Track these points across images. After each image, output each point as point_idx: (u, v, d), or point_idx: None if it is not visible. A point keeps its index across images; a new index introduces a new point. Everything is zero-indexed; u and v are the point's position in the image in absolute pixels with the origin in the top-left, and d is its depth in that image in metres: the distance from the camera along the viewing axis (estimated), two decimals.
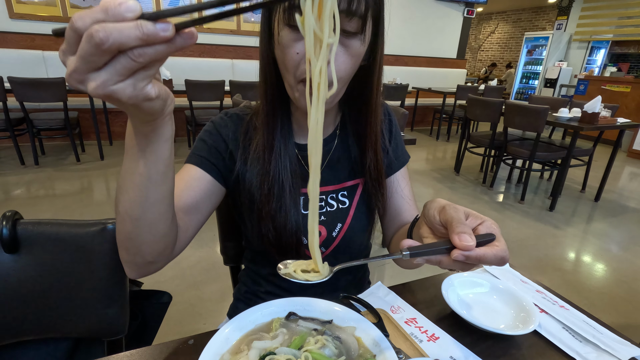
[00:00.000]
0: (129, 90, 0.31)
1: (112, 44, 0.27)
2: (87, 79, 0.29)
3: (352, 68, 0.52)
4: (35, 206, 2.63)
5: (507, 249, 0.41)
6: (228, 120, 0.67)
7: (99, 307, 0.65)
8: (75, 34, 0.27)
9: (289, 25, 0.49)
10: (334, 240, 0.69)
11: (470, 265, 0.42)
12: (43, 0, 3.98)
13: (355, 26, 0.49)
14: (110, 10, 0.26)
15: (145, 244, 0.47)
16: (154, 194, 0.43)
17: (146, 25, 0.27)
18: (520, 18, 10.63)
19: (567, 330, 0.59)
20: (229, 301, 0.84)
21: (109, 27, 0.26)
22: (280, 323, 0.50)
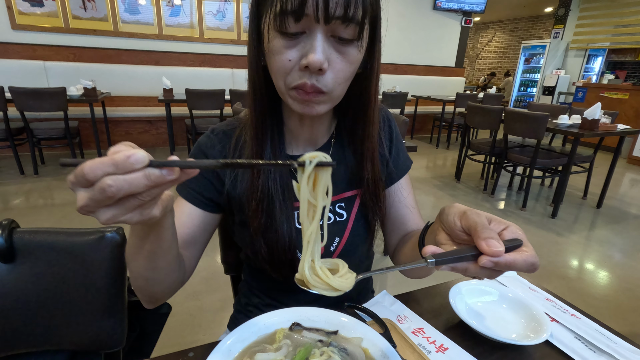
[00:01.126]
0: (136, 218, 0.34)
1: (122, 195, 0.30)
2: (97, 212, 0.32)
3: (349, 75, 0.51)
4: (34, 215, 2.61)
5: (536, 254, 0.39)
6: (214, 138, 0.64)
7: (96, 318, 0.63)
8: (85, 180, 0.29)
9: (281, 32, 0.46)
10: (332, 254, 0.66)
11: (497, 273, 0.40)
12: (45, 12, 4.02)
13: (352, 33, 0.47)
14: (120, 164, 0.29)
15: (157, 291, 0.54)
16: (162, 261, 0.48)
17: (153, 173, 0.31)
18: (517, 27, 10.74)
19: (580, 340, 0.57)
20: (229, 311, 0.82)
21: (120, 181, 0.29)
22: (284, 334, 0.48)
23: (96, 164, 0.29)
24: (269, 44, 0.48)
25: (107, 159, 0.29)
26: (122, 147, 0.31)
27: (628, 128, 3.12)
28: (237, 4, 4.80)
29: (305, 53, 0.46)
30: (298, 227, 0.62)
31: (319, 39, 0.45)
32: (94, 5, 4.18)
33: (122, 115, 4.29)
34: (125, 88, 4.48)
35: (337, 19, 0.44)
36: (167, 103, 3.68)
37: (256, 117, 0.57)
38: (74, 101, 3.34)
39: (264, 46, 0.50)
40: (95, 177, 0.29)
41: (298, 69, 0.48)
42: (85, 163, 0.29)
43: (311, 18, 0.44)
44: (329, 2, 0.43)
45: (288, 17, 0.44)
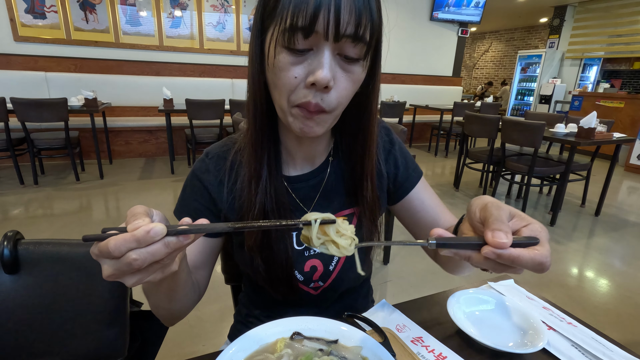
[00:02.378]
0: (159, 277, 0.38)
1: (147, 264, 0.34)
2: (124, 279, 0.35)
3: (351, 94, 0.51)
4: (34, 226, 2.61)
5: (549, 255, 0.37)
6: (209, 162, 0.63)
7: (98, 328, 0.64)
8: (110, 256, 0.33)
9: (288, 48, 0.45)
10: (331, 273, 0.66)
11: (502, 266, 0.38)
12: (47, 24, 4.08)
13: (359, 52, 0.46)
14: (142, 240, 0.33)
15: (177, 314, 0.58)
16: (179, 294, 0.52)
17: (172, 241, 0.34)
18: (513, 37, 10.89)
19: (577, 348, 0.58)
20: (228, 322, 0.82)
21: (143, 254, 0.33)
22: (285, 343, 0.49)
23: (120, 241, 0.32)
24: (274, 60, 0.47)
25: (129, 237, 0.33)
26: (139, 220, 0.34)
27: (624, 136, 3.16)
28: (237, 15, 4.87)
29: (312, 70, 0.45)
30: (297, 248, 0.62)
31: (327, 56, 0.45)
32: (96, 17, 4.24)
33: (122, 125, 4.32)
34: (125, 98, 4.52)
35: (347, 38, 0.44)
36: (167, 113, 3.70)
37: (255, 134, 0.56)
38: (74, 111, 3.37)
39: (267, 62, 0.49)
40: (120, 254, 0.33)
41: (304, 86, 0.47)
42: (110, 241, 0.33)
43: (320, 35, 0.43)
44: (340, 20, 0.43)
45: (297, 33, 0.43)
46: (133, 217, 0.35)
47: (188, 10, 4.61)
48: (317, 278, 0.65)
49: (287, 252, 0.60)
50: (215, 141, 3.09)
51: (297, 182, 0.64)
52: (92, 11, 4.21)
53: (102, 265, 0.34)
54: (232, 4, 4.80)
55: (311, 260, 0.64)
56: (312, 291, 0.67)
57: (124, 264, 0.33)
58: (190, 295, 0.57)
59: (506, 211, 0.40)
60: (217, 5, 4.74)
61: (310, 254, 0.64)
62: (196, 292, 0.60)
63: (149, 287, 0.50)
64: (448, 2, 6.07)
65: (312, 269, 0.64)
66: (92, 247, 0.34)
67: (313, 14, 0.42)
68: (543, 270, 0.37)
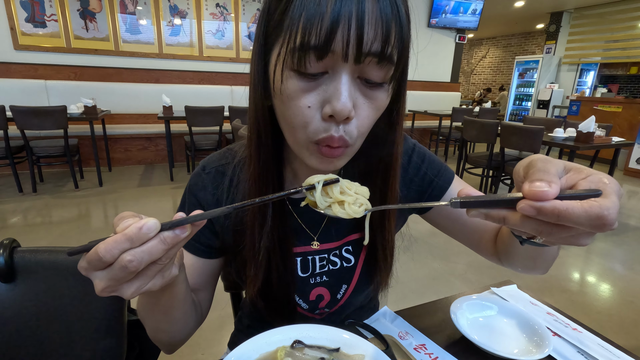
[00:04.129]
0: (159, 283, 0.34)
1: (144, 265, 0.30)
2: (120, 289, 0.31)
3: (373, 122, 0.43)
4: (32, 234, 2.59)
5: (613, 208, 0.26)
6: (206, 177, 0.57)
7: (95, 337, 0.63)
8: (102, 263, 0.29)
9: (298, 72, 0.38)
10: (339, 302, 0.61)
11: (548, 227, 0.28)
12: (48, 33, 4.10)
13: (384, 75, 0.39)
14: (135, 238, 0.29)
15: (177, 339, 0.54)
16: (179, 312, 0.47)
17: (168, 236, 0.31)
18: (510, 43, 10.98)
19: (583, 355, 0.57)
20: (228, 330, 0.81)
21: (139, 253, 0.29)
22: (286, 352, 0.48)
23: (110, 243, 0.29)
24: (281, 86, 0.40)
25: (120, 237, 0.29)
26: (129, 219, 0.31)
27: (622, 140, 3.16)
28: (236, 23, 4.91)
29: (329, 98, 0.38)
30: (302, 275, 0.58)
31: (345, 81, 0.38)
32: (96, 26, 4.27)
33: (121, 132, 4.32)
34: (125, 106, 4.53)
35: (372, 57, 0.37)
36: (167, 120, 3.71)
37: (259, 166, 0.49)
38: (74, 119, 3.37)
39: (273, 86, 0.41)
40: (113, 257, 0.29)
41: (320, 118, 0.40)
42: (99, 246, 0.29)
43: (338, 56, 0.36)
44: (362, 37, 0.35)
45: (309, 54, 0.36)
46: (120, 219, 0.31)
47: (187, 18, 4.65)
48: (323, 306, 0.61)
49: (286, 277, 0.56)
50: (215, 148, 3.11)
51: (299, 205, 0.57)
52: (92, 20, 4.24)
53: (93, 281, 0.30)
54: (232, 12, 4.84)
55: (317, 289, 0.60)
56: (317, 317, 0.63)
57: (118, 269, 0.29)
58: (191, 314, 0.53)
59: (557, 164, 0.30)
60: (216, 13, 4.77)
61: (316, 281, 0.59)
62: (198, 312, 0.57)
63: (147, 304, 0.46)
64: (445, 9, 6.13)
65: (318, 298, 0.60)
66: (80, 262, 0.31)
67: (329, 30, 0.34)
68: (605, 226, 0.26)
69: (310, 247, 0.59)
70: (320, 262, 0.59)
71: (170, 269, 0.35)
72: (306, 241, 0.58)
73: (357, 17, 0.35)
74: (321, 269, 0.59)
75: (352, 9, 0.34)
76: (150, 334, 0.52)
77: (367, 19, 0.35)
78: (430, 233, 2.69)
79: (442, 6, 6.08)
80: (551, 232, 0.29)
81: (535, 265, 0.52)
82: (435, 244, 2.62)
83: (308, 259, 0.58)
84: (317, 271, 0.59)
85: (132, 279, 0.31)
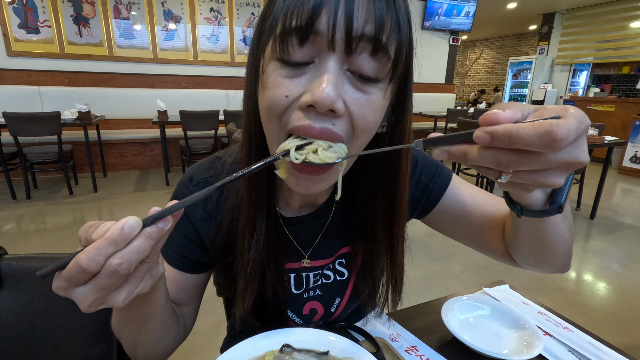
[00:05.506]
0: (149, 283, 0.32)
1: (134, 266, 0.28)
2: (110, 299, 0.29)
3: (372, 123, 0.38)
4: (26, 241, 2.57)
5: (566, 125, 0.24)
6: (194, 190, 0.53)
7: (85, 344, 0.62)
8: (86, 275, 0.27)
9: (282, 61, 0.35)
10: (332, 314, 0.61)
11: (508, 156, 0.26)
12: (41, 39, 4.08)
13: (379, 69, 0.35)
14: (119, 239, 0.27)
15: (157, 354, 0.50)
16: (158, 322, 0.44)
17: (153, 230, 0.29)
18: (503, 44, 11.07)
19: (573, 353, 0.57)
20: (223, 334, 0.80)
21: (127, 255, 0.27)
22: (275, 356, 0.48)
23: (93, 252, 0.26)
24: (264, 77, 0.37)
25: (102, 242, 0.26)
26: (103, 224, 0.28)
27: (615, 139, 3.19)
28: (231, 27, 4.91)
29: (310, 88, 0.34)
30: (295, 292, 0.57)
31: (332, 70, 0.33)
32: (90, 31, 4.26)
33: (116, 137, 4.31)
34: (120, 111, 4.51)
35: (365, 43, 0.33)
36: (162, 125, 3.70)
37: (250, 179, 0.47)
38: (68, 125, 3.35)
39: (261, 83, 0.39)
40: (98, 265, 0.26)
41: (298, 107, 0.36)
42: (79, 257, 0.26)
43: (324, 39, 0.33)
44: (352, 21, 0.31)
45: (291, 37, 0.33)
46: (91, 227, 0.28)
47: (182, 23, 4.65)
48: (317, 319, 0.61)
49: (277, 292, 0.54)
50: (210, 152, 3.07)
51: (295, 224, 0.55)
52: (86, 25, 4.23)
53: (76, 299, 0.27)
54: (226, 17, 4.85)
55: (311, 303, 0.59)
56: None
57: (107, 275, 0.27)
58: (172, 326, 0.49)
59: (525, 105, 0.29)
60: (210, 17, 4.78)
61: (309, 295, 0.58)
62: (180, 326, 0.54)
63: (124, 317, 0.43)
64: (438, 12, 6.18)
65: (311, 312, 0.59)
66: (55, 282, 0.27)
67: (312, 9, 0.32)
68: (554, 142, 0.24)
69: (301, 265, 0.57)
70: (314, 278, 0.58)
71: (157, 266, 0.33)
72: (298, 258, 0.57)
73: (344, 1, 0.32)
74: (314, 283, 0.58)
75: None
76: (128, 350, 0.48)
77: (357, 1, 0.32)
78: (427, 234, 2.69)
79: (435, 9, 6.12)
80: (509, 162, 0.27)
81: (546, 250, 0.48)
82: (431, 245, 2.63)
83: (302, 275, 0.57)
84: (311, 285, 0.58)
85: (122, 285, 0.29)
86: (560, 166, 0.27)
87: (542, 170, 0.28)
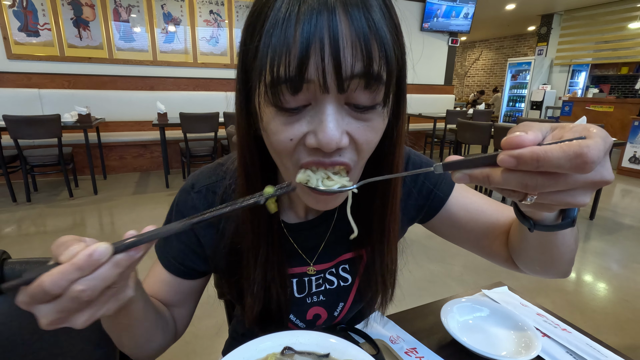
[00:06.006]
0: (114, 307, 0.31)
1: (98, 293, 0.27)
2: (71, 320, 0.29)
3: (375, 144, 0.40)
4: (26, 244, 2.57)
5: (594, 145, 0.24)
6: (196, 197, 0.53)
7: (87, 348, 0.62)
8: (49, 296, 0.26)
9: (277, 106, 0.35)
10: (336, 319, 0.61)
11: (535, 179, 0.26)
12: (41, 42, 4.09)
13: (375, 98, 0.35)
14: (85, 266, 0.26)
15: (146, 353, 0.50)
16: (140, 329, 0.45)
17: (122, 259, 0.28)
18: (502, 45, 11.10)
19: (571, 355, 0.58)
20: (224, 337, 0.81)
21: (91, 282, 0.27)
22: (276, 359, 0.48)
23: (57, 275, 0.26)
24: (264, 123, 0.38)
25: (68, 267, 0.26)
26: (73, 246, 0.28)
27: (614, 140, 3.20)
28: (230, 29, 4.93)
29: (313, 130, 0.35)
30: (298, 296, 0.57)
31: (331, 112, 0.34)
32: (90, 34, 4.27)
33: (116, 140, 4.31)
34: (120, 113, 4.52)
35: (357, 79, 0.33)
36: (162, 127, 3.71)
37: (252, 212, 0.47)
38: (68, 128, 3.36)
39: (257, 116, 0.40)
40: (61, 289, 0.26)
41: (304, 149, 0.37)
42: (43, 279, 0.25)
43: (316, 87, 0.33)
44: (340, 63, 0.31)
45: (282, 89, 0.33)
46: (62, 246, 0.28)
47: (182, 25, 4.66)
48: (320, 324, 0.61)
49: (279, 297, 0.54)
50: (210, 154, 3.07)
51: (298, 230, 0.56)
52: (86, 28, 4.24)
53: (37, 315, 0.27)
54: (225, 19, 4.87)
55: (314, 308, 0.59)
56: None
57: (68, 300, 0.26)
58: (156, 330, 0.49)
59: (542, 124, 0.29)
60: (210, 20, 4.79)
61: (312, 301, 0.58)
62: (170, 327, 0.54)
63: (104, 322, 0.44)
64: (437, 13, 6.19)
65: (315, 317, 0.60)
66: (19, 296, 0.27)
67: (300, 60, 0.31)
68: (586, 164, 0.24)
69: (306, 270, 0.57)
70: (317, 282, 0.58)
71: (125, 291, 0.32)
72: (301, 263, 0.57)
73: (330, 41, 0.31)
74: (317, 288, 0.58)
75: (324, 33, 0.31)
76: (116, 344, 0.49)
77: (342, 42, 0.31)
78: (426, 236, 2.69)
79: (434, 10, 6.14)
80: (537, 185, 0.27)
81: (552, 260, 0.48)
82: (431, 247, 2.63)
83: (304, 280, 0.58)
84: (314, 290, 0.58)
85: (84, 308, 0.29)
86: (586, 185, 0.27)
87: (568, 190, 0.28)
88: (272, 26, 0.32)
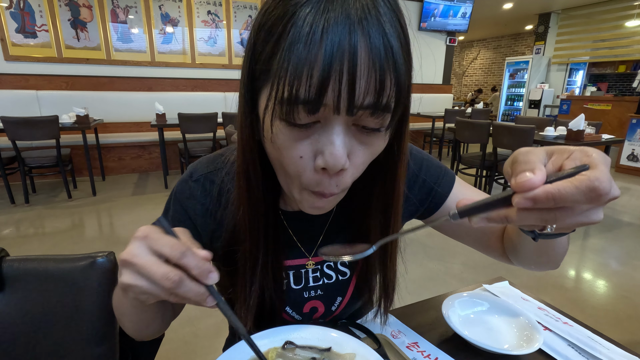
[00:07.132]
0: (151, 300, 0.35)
1: (168, 286, 0.32)
2: (129, 274, 0.33)
3: (367, 165, 0.41)
4: (24, 245, 2.56)
5: (604, 177, 0.26)
6: (194, 185, 0.53)
7: (87, 346, 0.62)
8: (158, 254, 0.32)
9: (287, 121, 0.35)
10: (333, 313, 0.61)
11: (551, 214, 0.28)
12: (39, 43, 4.08)
13: (381, 122, 0.36)
14: (197, 271, 0.32)
15: (149, 332, 0.52)
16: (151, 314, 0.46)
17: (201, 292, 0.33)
18: (500, 44, 11.12)
19: (573, 348, 0.58)
20: (224, 336, 0.80)
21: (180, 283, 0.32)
22: (277, 353, 0.48)
23: (184, 251, 0.32)
24: (272, 135, 0.37)
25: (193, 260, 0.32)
26: (202, 253, 0.33)
27: (612, 137, 3.21)
28: (228, 30, 4.93)
29: (321, 149, 0.36)
30: (295, 287, 0.57)
31: (339, 132, 0.35)
32: (87, 35, 4.26)
33: (115, 141, 4.30)
34: (118, 114, 4.51)
35: (366, 109, 0.34)
36: (160, 128, 3.70)
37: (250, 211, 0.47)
38: (66, 129, 3.35)
39: (263, 128, 0.39)
40: (175, 259, 0.32)
41: (312, 168, 0.38)
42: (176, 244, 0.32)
43: (330, 109, 0.34)
44: (354, 90, 0.32)
45: (299, 108, 0.33)
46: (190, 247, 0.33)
47: (179, 26, 4.66)
48: (317, 317, 0.61)
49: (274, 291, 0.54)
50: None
51: (297, 219, 0.56)
52: (83, 29, 4.24)
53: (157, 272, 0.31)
54: (223, 19, 4.86)
55: (312, 302, 0.59)
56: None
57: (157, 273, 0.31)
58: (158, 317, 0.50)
59: (538, 152, 0.31)
60: (208, 20, 4.79)
61: (310, 295, 0.58)
62: (168, 313, 0.54)
63: (116, 301, 0.47)
64: (434, 13, 6.21)
65: (312, 310, 0.60)
66: (146, 231, 0.33)
67: (320, 85, 0.32)
68: (601, 197, 0.26)
69: (305, 264, 0.57)
70: (314, 274, 0.58)
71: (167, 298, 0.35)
72: (299, 255, 0.57)
73: (348, 70, 0.31)
74: (315, 282, 0.58)
75: (344, 59, 0.31)
76: (122, 326, 0.51)
77: (359, 69, 0.32)
78: (426, 234, 2.70)
79: (432, 10, 6.15)
80: (557, 217, 0.29)
81: (548, 260, 0.51)
82: (431, 245, 2.63)
83: (301, 272, 0.58)
84: (311, 284, 0.58)
85: (147, 285, 0.32)
86: (598, 205, 0.29)
87: (583, 213, 0.29)
88: (295, 40, 0.32)
